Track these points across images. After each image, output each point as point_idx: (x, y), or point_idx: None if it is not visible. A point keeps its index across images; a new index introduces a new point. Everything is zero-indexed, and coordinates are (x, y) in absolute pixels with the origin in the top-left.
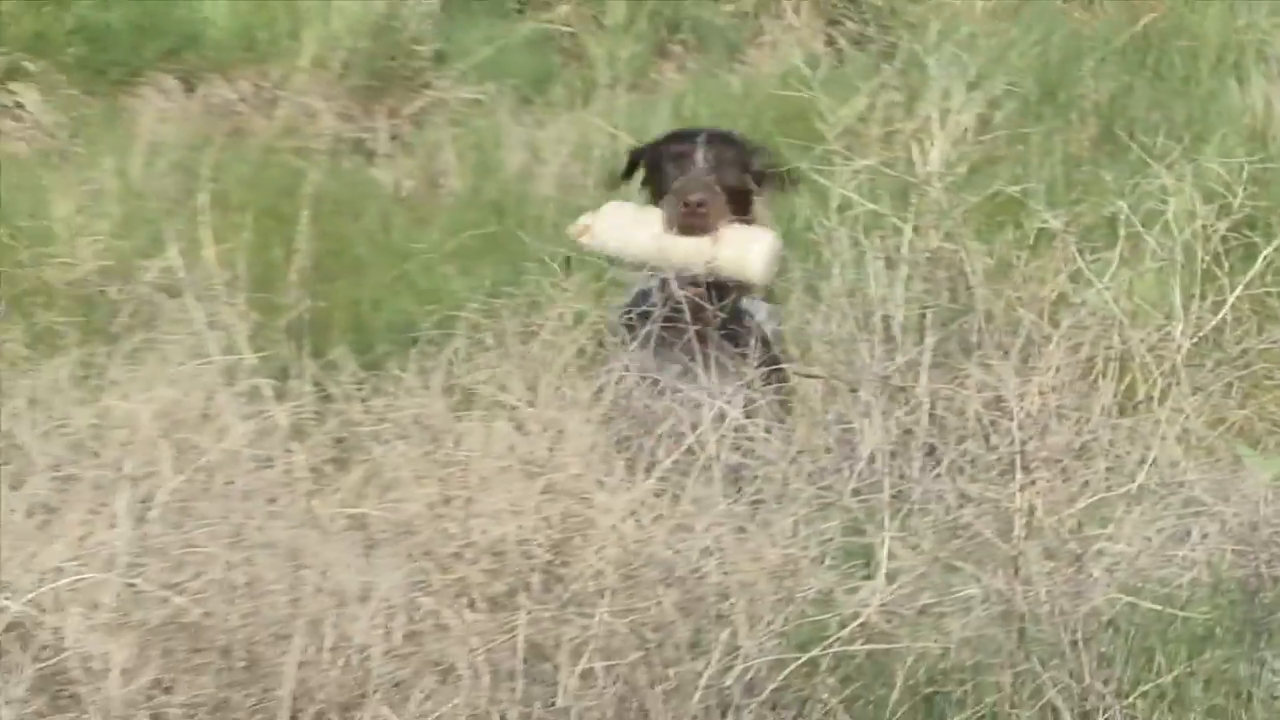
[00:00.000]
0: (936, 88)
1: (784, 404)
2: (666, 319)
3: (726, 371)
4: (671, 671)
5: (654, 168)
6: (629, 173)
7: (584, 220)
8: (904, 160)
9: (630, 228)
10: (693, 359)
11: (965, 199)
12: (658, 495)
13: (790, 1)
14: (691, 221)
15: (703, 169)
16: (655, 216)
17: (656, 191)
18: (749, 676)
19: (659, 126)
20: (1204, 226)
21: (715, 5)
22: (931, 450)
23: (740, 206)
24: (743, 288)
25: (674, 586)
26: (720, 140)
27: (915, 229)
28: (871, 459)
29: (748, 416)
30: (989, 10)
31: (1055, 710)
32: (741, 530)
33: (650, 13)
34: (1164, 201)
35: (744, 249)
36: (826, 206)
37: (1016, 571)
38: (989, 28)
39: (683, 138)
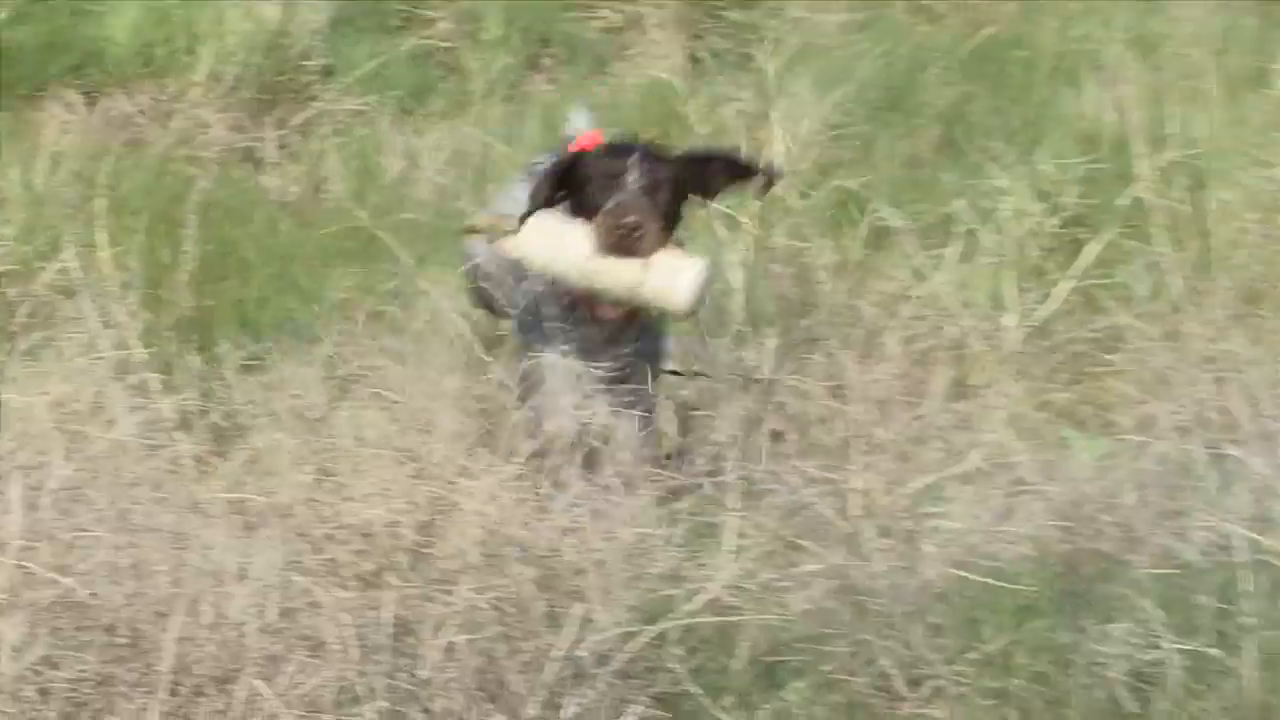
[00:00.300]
0: (789, 96)
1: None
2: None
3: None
4: (528, 644)
5: (580, 182)
6: (554, 189)
7: (486, 213)
8: None
9: (558, 242)
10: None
11: (811, 199)
12: (519, 479)
13: (655, 17)
14: (626, 244)
15: (636, 189)
16: (582, 232)
17: (580, 206)
18: (602, 649)
19: (531, 135)
20: (1036, 224)
21: (584, 21)
22: (777, 435)
23: (669, 228)
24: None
25: (532, 565)
26: (654, 159)
27: (764, 227)
28: (721, 444)
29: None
30: (840, 24)
31: (888, 677)
32: (597, 511)
33: (523, 29)
34: (999, 201)
35: (673, 277)
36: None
37: (854, 548)
38: (840, 41)
39: (616, 152)
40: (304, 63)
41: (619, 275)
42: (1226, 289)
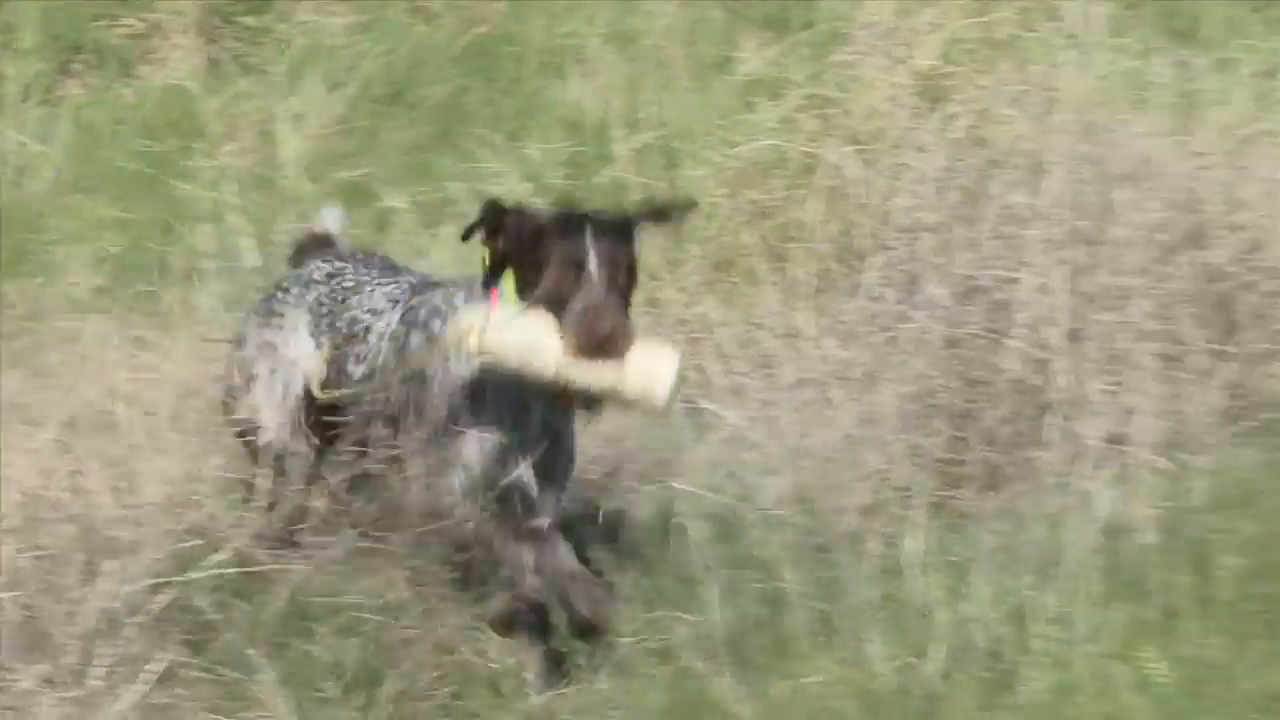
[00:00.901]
0: (299, 94)
1: None
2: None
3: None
4: (68, 597)
5: (532, 261)
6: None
7: (463, 322)
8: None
9: (530, 342)
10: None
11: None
12: (56, 445)
13: (175, 24)
14: (602, 351)
15: (602, 284)
16: (551, 327)
17: (532, 284)
18: (135, 599)
19: (64, 134)
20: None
21: (110, 29)
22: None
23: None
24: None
25: (71, 523)
26: (607, 236)
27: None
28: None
29: None
30: (345, 26)
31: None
32: (129, 472)
33: (55, 36)
34: (492, 183)
35: (652, 376)
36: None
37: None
38: (345, 41)
39: (567, 228)
40: None
41: (596, 376)
42: (699, 258)
